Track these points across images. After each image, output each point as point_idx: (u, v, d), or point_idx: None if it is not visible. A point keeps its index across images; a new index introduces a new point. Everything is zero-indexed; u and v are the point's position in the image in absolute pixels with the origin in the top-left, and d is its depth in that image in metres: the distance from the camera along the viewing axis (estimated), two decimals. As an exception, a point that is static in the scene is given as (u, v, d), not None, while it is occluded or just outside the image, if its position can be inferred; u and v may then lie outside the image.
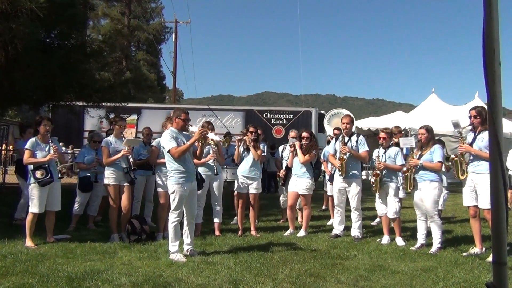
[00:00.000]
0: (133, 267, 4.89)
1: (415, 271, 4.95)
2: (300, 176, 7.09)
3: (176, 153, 5.29)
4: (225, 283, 4.38)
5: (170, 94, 41.38)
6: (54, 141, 6.12)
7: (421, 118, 19.31)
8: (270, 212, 9.45)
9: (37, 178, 5.83)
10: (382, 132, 6.51)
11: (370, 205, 9.23)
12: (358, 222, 6.76)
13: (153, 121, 16.15)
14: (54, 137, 6.18)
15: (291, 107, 22.46)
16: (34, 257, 5.09)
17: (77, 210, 7.27)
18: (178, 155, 5.29)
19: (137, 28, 34.15)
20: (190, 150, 5.56)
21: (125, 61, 30.81)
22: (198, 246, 5.95)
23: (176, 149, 5.28)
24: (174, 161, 5.37)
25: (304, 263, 5.25)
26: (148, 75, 33.88)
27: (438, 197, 5.95)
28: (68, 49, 9.19)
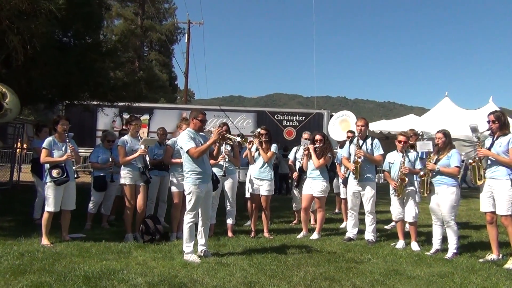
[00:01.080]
0: (148, 267, 4.90)
1: (431, 276, 4.89)
2: (315, 178, 7.06)
3: (195, 154, 5.29)
4: (240, 285, 4.38)
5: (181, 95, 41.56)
6: (71, 140, 6.16)
7: (434, 121, 19.20)
8: (282, 214, 9.43)
9: (53, 177, 5.88)
10: (400, 135, 6.44)
11: (382, 209, 9.15)
12: (372, 225, 6.72)
13: (165, 121, 16.20)
14: (70, 133, 6.22)
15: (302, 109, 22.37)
16: (50, 256, 5.13)
17: (92, 209, 7.32)
18: (197, 155, 5.30)
19: (150, 29, 34.33)
20: (207, 151, 5.57)
21: (137, 61, 30.97)
22: (212, 247, 5.95)
23: (196, 149, 5.29)
24: (192, 161, 5.38)
25: (318, 266, 5.22)
26: (160, 75, 34.06)
27: (455, 202, 5.87)
28: (84, 48, 9.26)
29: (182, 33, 36.71)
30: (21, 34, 6.22)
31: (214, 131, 5.47)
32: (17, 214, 7.92)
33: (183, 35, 34.59)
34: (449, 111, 20.72)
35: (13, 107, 6.42)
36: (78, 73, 8.72)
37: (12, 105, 6.39)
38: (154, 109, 19.26)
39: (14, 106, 6.43)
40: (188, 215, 5.43)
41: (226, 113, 19.37)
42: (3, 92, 6.28)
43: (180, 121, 6.90)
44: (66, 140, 6.08)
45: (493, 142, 5.53)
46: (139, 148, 6.24)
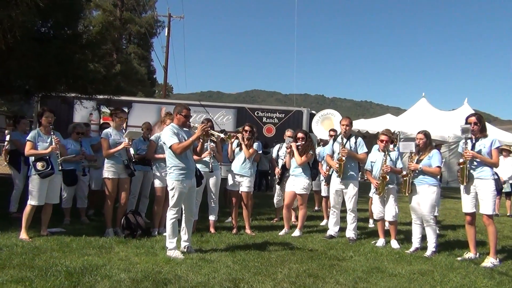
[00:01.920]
0: (131, 263, 4.84)
1: (412, 274, 4.99)
2: (297, 175, 7.10)
3: (178, 149, 5.25)
4: (225, 281, 4.36)
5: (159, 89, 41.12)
6: (56, 133, 6.02)
7: (411, 121, 19.58)
8: (262, 210, 9.45)
9: (38, 170, 5.76)
10: (382, 135, 6.53)
11: (362, 207, 9.27)
12: (354, 223, 6.80)
13: (144, 115, 15.98)
14: (57, 132, 6.09)
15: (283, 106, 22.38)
16: (30, 250, 5.02)
17: (65, 204, 7.14)
18: (180, 151, 5.26)
19: (129, 21, 33.73)
20: (191, 147, 5.52)
21: (115, 53, 30.44)
22: (195, 243, 5.92)
23: (178, 145, 5.24)
24: (175, 157, 5.33)
25: (301, 263, 5.26)
26: (139, 68, 33.56)
27: (435, 201, 6.01)
28: (63, 40, 9.04)
29: (162, 26, 36.30)
30: (1, 22, 6.02)
31: (198, 127, 5.43)
32: (-8, 208, 7.69)
33: (163, 29, 34.26)
34: (425, 111, 21.15)
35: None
36: (57, 64, 8.52)
37: None
38: (133, 102, 18.97)
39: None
40: (171, 211, 5.39)
41: (206, 108, 19.25)
42: None
43: (165, 116, 6.82)
44: (51, 132, 5.94)
45: (473, 143, 5.65)
46: (123, 141, 6.15)
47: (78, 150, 7.16)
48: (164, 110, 18.65)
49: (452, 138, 17.79)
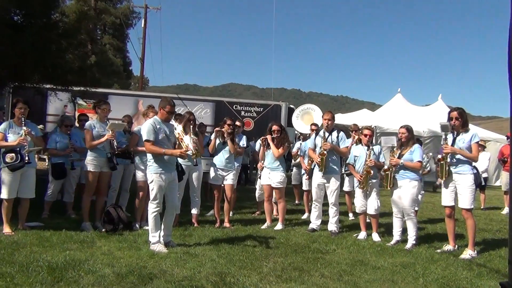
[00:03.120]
0: (115, 257, 4.77)
1: (395, 266, 5.07)
2: (273, 169, 7.13)
3: (148, 149, 5.35)
4: (211, 276, 4.35)
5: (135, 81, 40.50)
6: (31, 125, 5.82)
7: (387, 116, 19.84)
8: (243, 204, 9.43)
9: (6, 163, 5.55)
10: (366, 129, 6.60)
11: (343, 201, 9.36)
12: (335, 217, 6.87)
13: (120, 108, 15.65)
14: (32, 123, 5.90)
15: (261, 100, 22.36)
16: (8, 245, 4.88)
17: (49, 197, 7.00)
18: (149, 151, 5.37)
19: (104, 11, 33.03)
20: (171, 141, 5.49)
21: (90, 44, 29.76)
22: (178, 237, 5.88)
23: (150, 146, 5.30)
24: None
25: (286, 256, 5.28)
26: (114, 60, 32.94)
27: (416, 195, 6.13)
28: (39, 28, 8.75)
29: (138, 17, 35.64)
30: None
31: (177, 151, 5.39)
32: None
33: (139, 20, 33.67)
34: (401, 107, 21.45)
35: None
36: (33, 53, 8.24)
37: None
38: (109, 94, 18.59)
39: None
40: (151, 205, 5.35)
41: (184, 102, 19.05)
42: None
43: (147, 109, 6.72)
44: (23, 124, 5.73)
45: (454, 138, 5.75)
46: (107, 133, 6.02)
47: (67, 143, 6.99)
48: (141, 102, 18.41)
49: (427, 133, 18.13)
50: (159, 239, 5.30)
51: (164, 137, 5.39)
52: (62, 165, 6.98)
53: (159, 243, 5.26)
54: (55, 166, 7.00)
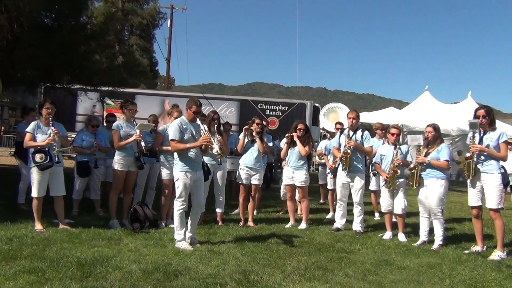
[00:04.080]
0: (141, 254, 4.86)
1: (421, 267, 5.00)
2: (297, 168, 7.14)
3: (173, 148, 5.44)
4: (235, 273, 4.38)
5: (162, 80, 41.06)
6: (57, 125, 5.99)
7: (415, 114, 19.51)
8: (268, 203, 9.46)
9: (36, 162, 5.72)
10: (393, 128, 6.52)
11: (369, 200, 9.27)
12: (360, 216, 6.81)
13: (147, 107, 15.96)
14: (58, 123, 6.06)
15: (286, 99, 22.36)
16: (40, 241, 5.04)
17: (76, 195, 7.19)
18: (174, 150, 5.45)
19: (131, 12, 33.69)
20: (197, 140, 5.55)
21: (118, 45, 30.38)
22: (202, 236, 5.95)
23: (175, 144, 5.39)
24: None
25: (310, 255, 5.28)
26: (141, 60, 33.54)
27: (443, 195, 6.00)
28: (68, 30, 9.01)
29: (164, 18, 36.19)
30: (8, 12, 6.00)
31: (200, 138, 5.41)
32: (1, 199, 7.70)
33: (165, 20, 34.16)
34: (429, 105, 21.06)
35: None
36: (63, 55, 8.50)
37: None
38: (136, 94, 18.96)
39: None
40: (177, 202, 5.44)
41: (209, 101, 19.25)
42: None
43: (171, 108, 6.81)
44: (50, 124, 5.90)
45: (481, 137, 5.62)
46: (134, 133, 6.14)
47: (92, 142, 7.18)
48: (167, 102, 18.71)
49: (456, 131, 17.76)
50: (184, 237, 5.37)
51: (190, 137, 5.46)
52: (86, 163, 7.17)
53: (184, 241, 5.34)
54: (80, 164, 7.20)
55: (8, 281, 3.76)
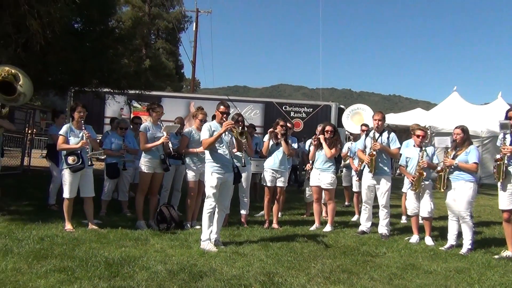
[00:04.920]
0: (167, 255, 4.94)
1: (448, 271, 4.91)
2: (324, 170, 7.10)
3: (204, 145, 5.54)
4: (259, 275, 4.40)
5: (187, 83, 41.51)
6: (87, 127, 6.16)
7: (443, 116, 19.11)
8: (292, 205, 9.44)
9: (69, 164, 5.89)
10: (418, 130, 6.42)
11: (394, 203, 9.15)
12: (386, 219, 6.72)
13: (173, 109, 16.18)
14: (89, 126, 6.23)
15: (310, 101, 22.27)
16: (70, 241, 5.18)
17: (105, 196, 7.35)
18: (205, 146, 5.53)
19: (157, 16, 34.21)
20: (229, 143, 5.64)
21: (144, 49, 30.87)
22: (227, 237, 6.00)
23: (205, 141, 5.51)
24: (209, 151, 5.55)
25: (334, 258, 5.25)
26: (167, 63, 33.96)
27: (472, 198, 5.88)
28: (98, 34, 9.23)
29: (189, 21, 36.61)
30: (41, 18, 6.21)
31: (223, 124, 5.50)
32: (31, 199, 7.95)
33: (190, 24, 34.57)
34: (457, 106, 20.59)
35: (26, 91, 6.35)
36: (92, 59, 8.71)
37: (26, 89, 6.32)
38: (162, 97, 19.22)
39: (27, 90, 6.35)
40: (206, 202, 5.54)
41: (234, 103, 19.34)
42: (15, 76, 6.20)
43: (196, 110, 6.89)
44: (82, 127, 6.07)
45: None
46: (161, 135, 6.25)
47: (121, 145, 7.35)
48: (193, 104, 18.91)
49: (486, 133, 17.31)
50: (209, 237, 5.44)
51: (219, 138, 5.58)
52: (115, 165, 7.33)
53: (209, 241, 5.41)
54: (109, 166, 7.36)
55: (40, 279, 3.89)
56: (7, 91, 6.09)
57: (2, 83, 6.05)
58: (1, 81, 6.04)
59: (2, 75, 5.96)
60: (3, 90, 6.07)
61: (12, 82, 6.05)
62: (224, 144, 5.61)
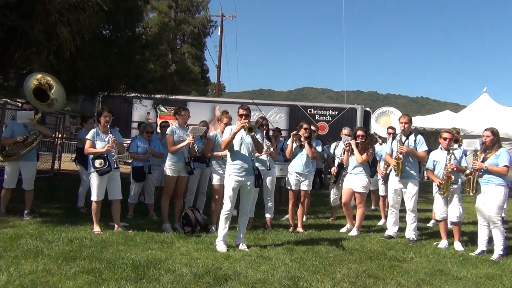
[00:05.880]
0: (192, 258, 4.98)
1: (479, 278, 4.79)
2: (357, 174, 7.07)
3: (222, 145, 5.63)
4: (284, 279, 4.39)
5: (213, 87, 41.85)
6: (114, 132, 6.29)
7: (472, 118, 18.66)
8: (317, 209, 9.39)
9: (96, 167, 6.02)
10: (446, 132, 6.29)
11: (422, 207, 8.98)
12: (414, 224, 6.60)
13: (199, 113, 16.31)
14: (116, 128, 6.36)
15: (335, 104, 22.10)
16: (98, 243, 5.28)
17: (132, 199, 7.48)
18: (223, 146, 5.61)
19: (183, 22, 34.64)
20: (249, 146, 5.64)
21: (171, 54, 31.31)
22: (252, 241, 6.00)
23: (223, 140, 5.60)
24: (231, 154, 5.61)
25: (360, 263, 5.19)
26: (193, 68, 34.32)
27: (503, 202, 5.72)
28: (125, 41, 9.43)
29: (214, 26, 36.90)
30: (71, 26, 6.40)
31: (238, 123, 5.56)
32: (61, 202, 8.15)
33: (216, 28, 34.87)
34: (487, 107, 20.08)
35: (59, 97, 6.56)
36: (120, 65, 8.90)
37: (58, 95, 6.53)
38: (188, 101, 19.43)
39: (59, 96, 6.57)
40: (223, 205, 5.59)
41: (259, 106, 19.37)
42: (49, 83, 6.44)
43: (221, 114, 6.95)
44: (108, 131, 6.20)
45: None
46: (187, 138, 6.33)
47: (147, 148, 7.47)
48: (218, 108, 19.04)
49: (507, 135, 16.81)
50: (222, 238, 5.50)
51: (239, 139, 5.62)
52: (141, 169, 7.45)
53: (222, 242, 5.48)
54: (135, 169, 7.49)
55: (69, 280, 3.98)
56: (41, 97, 6.34)
57: (37, 90, 6.29)
58: (36, 88, 6.28)
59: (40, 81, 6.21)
60: (37, 97, 6.31)
61: (46, 89, 6.30)
62: (245, 147, 5.63)
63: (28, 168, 6.77)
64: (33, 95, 6.33)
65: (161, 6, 32.58)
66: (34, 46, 6.68)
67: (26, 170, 6.75)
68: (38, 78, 6.30)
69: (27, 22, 6.57)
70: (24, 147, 6.62)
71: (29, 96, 6.39)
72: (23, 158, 6.67)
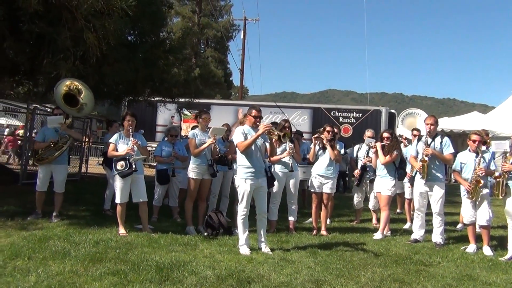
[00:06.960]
0: (215, 260, 5.00)
1: (509, 283, 4.66)
2: (382, 176, 7.03)
3: (241, 147, 5.50)
4: (307, 283, 4.36)
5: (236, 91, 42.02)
6: (137, 136, 6.39)
7: (501, 119, 18.21)
8: (341, 212, 9.31)
9: (117, 170, 6.13)
10: (474, 134, 6.14)
11: (449, 210, 8.78)
12: (440, 227, 6.47)
13: (222, 117, 16.43)
14: (140, 130, 6.47)
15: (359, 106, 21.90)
16: (123, 245, 5.36)
17: (156, 201, 7.58)
18: (242, 148, 5.50)
19: (206, 26, 34.95)
20: (261, 148, 5.64)
21: (194, 58, 31.63)
22: (275, 243, 5.99)
23: (241, 143, 5.48)
24: (241, 156, 5.57)
25: (385, 267, 5.11)
26: (216, 71, 34.55)
27: (533, 205, 5.54)
28: (149, 45, 9.56)
29: (237, 29, 37.14)
30: (96, 31, 6.54)
31: (260, 126, 5.51)
32: (88, 204, 8.32)
33: (239, 32, 35.06)
34: (517, 108, 19.54)
35: (88, 101, 6.72)
36: (145, 69, 9.03)
37: (87, 100, 6.69)
38: (211, 105, 19.60)
39: (88, 101, 6.72)
40: (239, 208, 5.59)
41: (282, 109, 19.35)
42: (78, 88, 6.60)
43: (243, 117, 6.97)
44: (131, 135, 6.30)
45: None
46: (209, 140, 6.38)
47: (171, 152, 7.56)
48: (241, 111, 19.12)
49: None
50: (245, 242, 5.48)
51: None
52: (165, 171, 7.56)
53: (245, 245, 5.46)
54: (160, 172, 7.59)
55: (95, 281, 4.05)
56: (71, 102, 6.52)
57: (67, 96, 6.46)
58: (66, 94, 6.45)
59: (70, 87, 6.39)
60: (67, 102, 6.49)
61: (75, 94, 6.47)
62: (258, 149, 5.62)
63: (60, 171, 6.97)
64: (64, 100, 6.51)
65: (185, 11, 32.97)
66: (61, 52, 6.83)
67: (57, 173, 6.94)
68: (68, 84, 6.48)
69: (54, 29, 6.73)
70: (55, 151, 6.82)
71: (59, 102, 6.57)
72: (55, 162, 6.86)
